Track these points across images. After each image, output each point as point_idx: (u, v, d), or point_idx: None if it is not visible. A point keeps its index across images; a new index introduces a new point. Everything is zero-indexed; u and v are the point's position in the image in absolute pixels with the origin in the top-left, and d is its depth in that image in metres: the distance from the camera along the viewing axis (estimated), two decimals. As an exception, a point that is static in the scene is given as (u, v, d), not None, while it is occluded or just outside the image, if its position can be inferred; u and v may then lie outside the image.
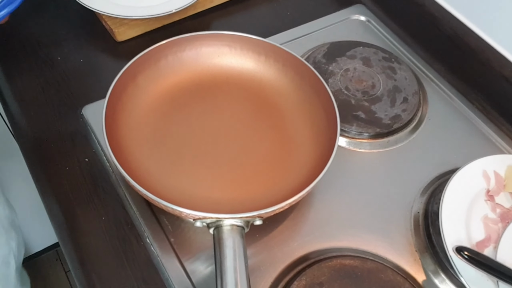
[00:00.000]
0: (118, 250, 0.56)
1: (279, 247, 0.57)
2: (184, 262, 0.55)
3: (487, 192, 0.60)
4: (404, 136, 0.69)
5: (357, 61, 0.75)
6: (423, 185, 0.64)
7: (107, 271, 0.55)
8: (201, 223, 0.49)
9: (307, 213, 0.60)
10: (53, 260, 1.53)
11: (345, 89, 0.71)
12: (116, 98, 0.59)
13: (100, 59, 0.76)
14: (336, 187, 0.63)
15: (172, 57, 0.66)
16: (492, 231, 0.57)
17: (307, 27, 0.82)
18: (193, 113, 0.64)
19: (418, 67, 0.78)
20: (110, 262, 0.55)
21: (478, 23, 0.71)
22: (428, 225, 0.59)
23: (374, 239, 0.59)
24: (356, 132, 0.67)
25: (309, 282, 0.52)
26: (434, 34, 0.77)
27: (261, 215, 0.50)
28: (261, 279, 0.54)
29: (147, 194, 0.49)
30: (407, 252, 0.58)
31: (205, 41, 0.67)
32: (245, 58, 0.68)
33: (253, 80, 0.68)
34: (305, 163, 0.60)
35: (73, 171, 0.62)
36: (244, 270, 0.46)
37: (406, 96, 0.71)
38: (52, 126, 0.66)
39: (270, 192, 0.57)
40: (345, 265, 0.54)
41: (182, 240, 0.57)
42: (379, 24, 0.84)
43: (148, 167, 0.58)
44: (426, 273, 0.57)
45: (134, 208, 0.59)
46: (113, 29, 0.76)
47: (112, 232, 0.57)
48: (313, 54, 0.76)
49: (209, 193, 0.57)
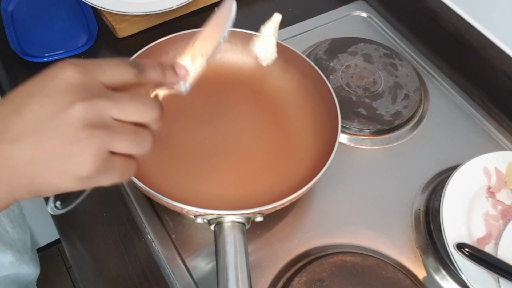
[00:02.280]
0: (119, 246, 0.56)
1: (280, 244, 0.57)
2: (185, 258, 0.55)
3: (488, 189, 0.60)
4: (405, 132, 0.68)
5: (358, 58, 0.75)
6: (424, 182, 0.64)
7: (108, 267, 0.55)
8: (202, 219, 0.49)
9: (308, 209, 0.60)
10: (54, 256, 1.53)
11: (346, 85, 0.71)
12: (117, 95, 0.59)
13: (101, 55, 0.76)
14: (337, 183, 0.63)
15: (173, 54, 0.65)
16: (493, 227, 0.57)
17: (308, 24, 0.82)
18: (194, 110, 0.64)
19: (419, 63, 0.78)
20: (111, 258, 0.55)
21: (479, 20, 0.71)
22: (429, 222, 0.59)
23: (375, 235, 0.59)
24: (357, 128, 0.67)
25: (310, 278, 0.52)
26: (436, 31, 0.77)
27: (262, 212, 0.50)
28: (262, 276, 0.54)
29: (148, 190, 0.49)
30: (408, 248, 0.58)
31: (206, 37, 0.66)
32: (247, 55, 0.68)
33: (254, 76, 0.68)
34: (306, 159, 0.60)
35: (74, 168, 0.62)
36: (245, 266, 0.46)
37: (407, 93, 0.71)
38: (53, 122, 0.66)
39: (271, 188, 0.58)
40: (346, 261, 0.54)
41: (183, 236, 0.57)
42: (380, 20, 0.84)
43: (149, 163, 0.58)
44: (427, 270, 0.57)
45: (135, 204, 0.59)
46: (114, 25, 0.75)
47: (113, 229, 0.57)
48: (314, 50, 0.76)
49: (210, 189, 0.57)
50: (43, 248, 1.50)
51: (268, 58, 0.57)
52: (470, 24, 0.72)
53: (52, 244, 1.51)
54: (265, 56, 0.57)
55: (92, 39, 0.75)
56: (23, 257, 0.81)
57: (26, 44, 0.73)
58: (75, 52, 0.73)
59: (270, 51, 0.56)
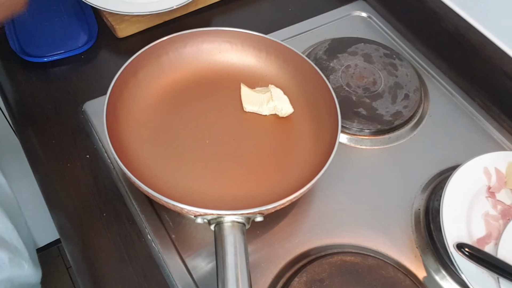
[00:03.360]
0: (119, 246, 0.56)
1: (280, 244, 0.57)
2: (185, 258, 0.55)
3: (488, 189, 0.60)
4: (405, 132, 0.68)
5: (358, 58, 0.75)
6: (424, 182, 0.64)
7: (108, 267, 0.55)
8: (202, 219, 0.49)
9: (308, 209, 0.60)
10: (54, 256, 1.53)
11: (346, 85, 0.71)
12: (117, 95, 0.59)
13: (101, 55, 0.76)
14: (337, 183, 0.63)
15: (173, 54, 0.66)
16: (493, 228, 0.57)
17: (308, 24, 0.82)
18: (194, 110, 0.64)
19: (419, 63, 0.78)
20: (111, 258, 0.55)
21: (479, 20, 0.71)
22: (429, 222, 0.59)
23: (375, 235, 0.59)
24: (357, 128, 0.67)
25: (310, 278, 0.52)
26: (436, 31, 0.77)
27: (262, 212, 0.50)
28: (262, 276, 0.54)
29: (148, 190, 0.49)
30: (408, 248, 0.58)
31: (206, 37, 0.67)
32: (246, 55, 0.68)
33: (254, 76, 0.68)
34: (306, 159, 0.60)
35: (74, 168, 0.62)
36: (245, 266, 0.46)
37: (407, 93, 0.71)
38: (53, 122, 0.66)
39: (271, 188, 0.58)
40: (346, 261, 0.54)
41: (183, 236, 0.57)
42: (380, 20, 0.84)
43: (149, 163, 0.58)
44: (427, 270, 0.57)
45: (135, 204, 0.59)
46: (114, 25, 0.75)
47: (113, 229, 0.57)
48: (314, 50, 0.76)
49: (210, 189, 0.57)
50: (43, 248, 1.50)
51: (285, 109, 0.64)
52: (470, 24, 0.72)
53: (52, 244, 1.51)
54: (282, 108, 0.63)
55: (92, 39, 0.75)
56: (23, 255, 0.81)
57: (26, 44, 0.73)
58: (75, 52, 0.73)
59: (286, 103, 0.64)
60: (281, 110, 0.63)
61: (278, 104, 0.63)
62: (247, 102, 0.64)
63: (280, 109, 0.63)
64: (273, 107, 0.64)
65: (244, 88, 0.65)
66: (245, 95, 0.65)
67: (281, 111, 0.63)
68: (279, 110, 0.64)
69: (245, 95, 0.65)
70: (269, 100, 0.63)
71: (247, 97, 0.65)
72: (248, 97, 0.65)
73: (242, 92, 0.65)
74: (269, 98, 0.63)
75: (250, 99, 0.64)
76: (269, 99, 0.63)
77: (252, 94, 0.65)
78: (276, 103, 0.63)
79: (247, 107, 0.64)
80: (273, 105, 0.63)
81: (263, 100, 0.64)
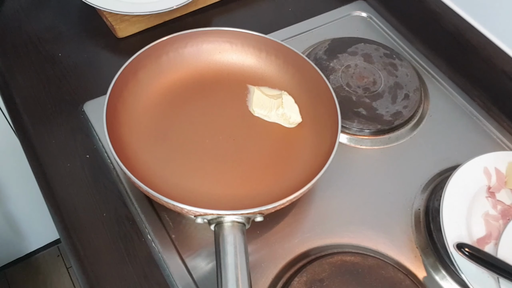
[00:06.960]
0: (119, 246, 0.56)
1: (280, 244, 0.57)
2: (185, 258, 0.55)
3: (488, 189, 0.60)
4: (405, 132, 0.68)
5: (358, 58, 0.75)
6: (424, 182, 0.64)
7: (108, 267, 0.55)
8: (202, 219, 0.49)
9: (308, 209, 0.60)
10: (54, 256, 1.53)
11: (346, 85, 0.71)
12: (117, 95, 0.59)
13: (101, 55, 0.76)
14: (337, 183, 0.63)
15: (173, 54, 0.66)
16: (493, 227, 0.57)
17: (308, 24, 0.82)
18: (194, 110, 0.64)
19: (419, 63, 0.78)
20: (111, 258, 0.55)
21: (479, 20, 0.71)
22: (429, 222, 0.59)
23: (375, 235, 0.59)
24: (357, 128, 0.67)
25: (310, 278, 0.52)
26: (436, 31, 0.77)
27: (262, 212, 0.50)
28: (262, 276, 0.54)
29: (148, 190, 0.49)
30: (408, 248, 0.58)
31: (206, 37, 0.67)
32: (246, 55, 0.68)
33: (254, 76, 0.68)
34: (306, 159, 0.60)
35: (74, 168, 0.62)
36: (245, 266, 0.46)
37: (407, 93, 0.71)
38: (53, 122, 0.66)
39: (271, 188, 0.58)
40: (346, 261, 0.54)
41: (183, 236, 0.57)
42: (380, 20, 0.84)
43: (149, 163, 0.58)
44: (427, 270, 0.57)
45: (135, 204, 0.59)
46: (114, 25, 0.75)
47: (113, 229, 0.57)
48: (314, 50, 0.76)
49: (210, 189, 0.57)
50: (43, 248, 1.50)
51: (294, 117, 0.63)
52: (470, 24, 0.72)
53: (52, 244, 1.51)
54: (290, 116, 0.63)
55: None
56: None
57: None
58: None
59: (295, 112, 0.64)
60: (289, 119, 0.63)
61: (287, 112, 0.62)
62: (257, 105, 0.64)
63: (288, 117, 0.63)
64: (282, 114, 0.63)
65: (257, 91, 0.65)
66: (256, 98, 0.64)
67: (289, 119, 0.63)
68: (287, 118, 0.63)
69: (257, 99, 0.64)
70: (279, 107, 0.63)
71: (258, 100, 0.64)
72: (259, 100, 0.64)
73: (254, 95, 0.64)
74: (279, 105, 0.63)
75: (261, 103, 0.64)
76: (279, 106, 0.63)
77: (264, 98, 0.64)
78: (286, 111, 0.62)
79: (255, 110, 0.64)
80: (282, 112, 0.63)
81: (273, 106, 0.63)
